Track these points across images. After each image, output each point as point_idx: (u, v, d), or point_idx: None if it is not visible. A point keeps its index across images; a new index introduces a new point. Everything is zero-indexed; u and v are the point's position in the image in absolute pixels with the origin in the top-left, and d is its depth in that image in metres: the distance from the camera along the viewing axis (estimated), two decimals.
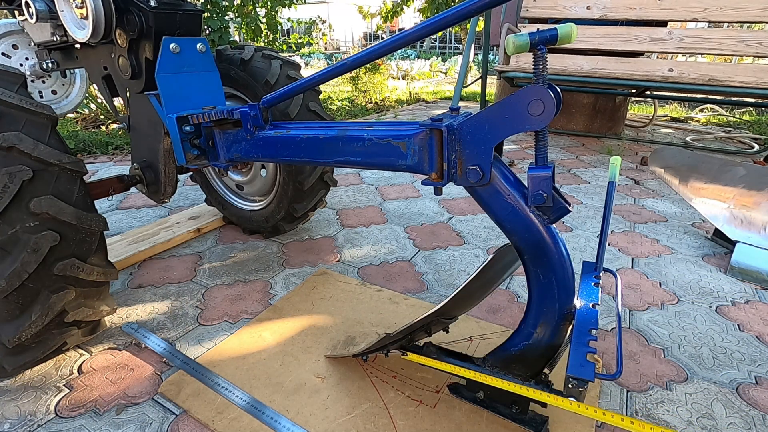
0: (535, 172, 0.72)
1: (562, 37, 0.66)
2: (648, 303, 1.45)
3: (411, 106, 5.97)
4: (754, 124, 4.69)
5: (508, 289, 1.52)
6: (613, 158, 0.94)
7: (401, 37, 0.81)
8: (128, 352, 1.20)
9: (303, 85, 0.97)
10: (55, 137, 1.01)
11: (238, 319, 1.35)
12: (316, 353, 1.18)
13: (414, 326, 0.89)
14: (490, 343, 1.21)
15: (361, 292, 1.47)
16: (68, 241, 1.00)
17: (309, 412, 0.99)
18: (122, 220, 2.09)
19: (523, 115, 0.70)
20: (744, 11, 2.88)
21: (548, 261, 0.77)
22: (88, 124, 4.02)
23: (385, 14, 11.41)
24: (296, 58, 10.53)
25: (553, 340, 0.82)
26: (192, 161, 1.25)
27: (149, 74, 1.24)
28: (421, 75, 10.83)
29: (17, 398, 1.04)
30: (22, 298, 0.97)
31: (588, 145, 3.70)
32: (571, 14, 3.39)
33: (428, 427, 0.95)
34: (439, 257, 1.75)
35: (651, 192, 2.55)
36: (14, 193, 0.91)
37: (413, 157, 0.84)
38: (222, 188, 1.94)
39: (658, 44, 3.18)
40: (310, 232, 1.97)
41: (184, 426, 0.97)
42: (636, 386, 1.09)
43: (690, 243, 1.89)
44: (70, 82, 1.96)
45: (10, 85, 0.99)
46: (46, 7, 1.25)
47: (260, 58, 1.54)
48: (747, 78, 2.78)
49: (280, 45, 5.48)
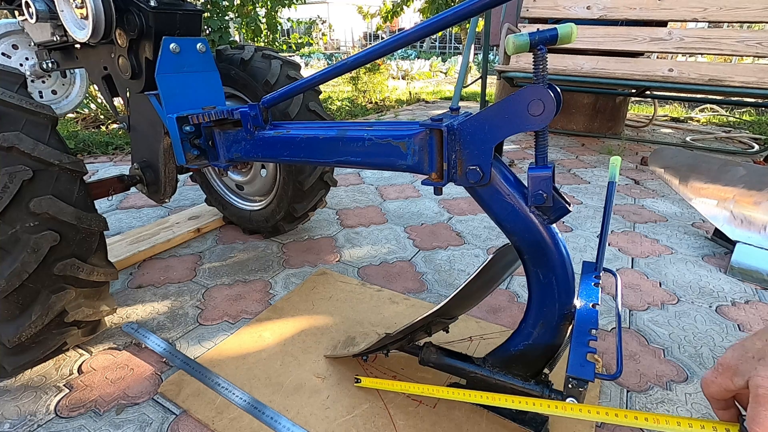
0: (535, 172, 0.72)
1: (562, 37, 0.66)
2: (648, 303, 1.45)
3: (411, 106, 5.97)
4: (754, 124, 4.69)
5: (508, 289, 1.52)
6: (613, 158, 0.94)
7: (401, 37, 0.81)
8: (128, 352, 1.20)
9: (303, 85, 0.97)
10: (55, 137, 1.01)
11: (238, 319, 1.35)
12: (316, 353, 1.18)
13: (414, 326, 0.89)
14: (490, 343, 1.21)
15: (361, 292, 1.47)
16: (68, 241, 1.00)
17: (309, 412, 0.99)
18: (122, 220, 2.09)
19: (523, 115, 0.70)
20: (744, 11, 2.88)
21: (548, 261, 0.77)
22: (88, 124, 4.02)
23: (385, 14, 11.41)
24: (296, 58, 10.53)
25: (553, 340, 0.82)
26: (192, 161, 1.24)
27: (149, 74, 1.24)
28: (421, 75, 10.83)
29: (17, 398, 1.04)
30: (22, 298, 0.97)
31: (588, 145, 3.70)
32: (571, 14, 3.39)
33: (428, 427, 0.95)
34: (439, 257, 1.75)
35: (651, 192, 2.55)
36: (14, 193, 0.91)
37: (413, 157, 0.84)
38: (222, 188, 1.94)
39: (658, 44, 3.17)
40: (310, 232, 1.97)
41: (184, 426, 0.97)
42: (636, 386, 1.09)
43: (690, 243, 1.89)
44: (70, 82, 1.96)
45: (10, 85, 0.99)
46: (46, 7, 1.25)
47: (260, 58, 1.54)
48: (747, 78, 2.78)
49: (280, 45, 5.48)
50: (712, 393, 0.54)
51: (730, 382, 0.51)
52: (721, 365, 0.52)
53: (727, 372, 0.51)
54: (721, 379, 0.52)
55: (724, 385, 0.51)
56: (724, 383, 0.51)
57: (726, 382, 0.51)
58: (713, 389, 0.53)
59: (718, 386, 0.52)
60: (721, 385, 0.52)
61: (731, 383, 0.50)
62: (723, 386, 0.52)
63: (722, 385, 0.52)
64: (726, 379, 0.51)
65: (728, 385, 0.51)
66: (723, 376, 0.52)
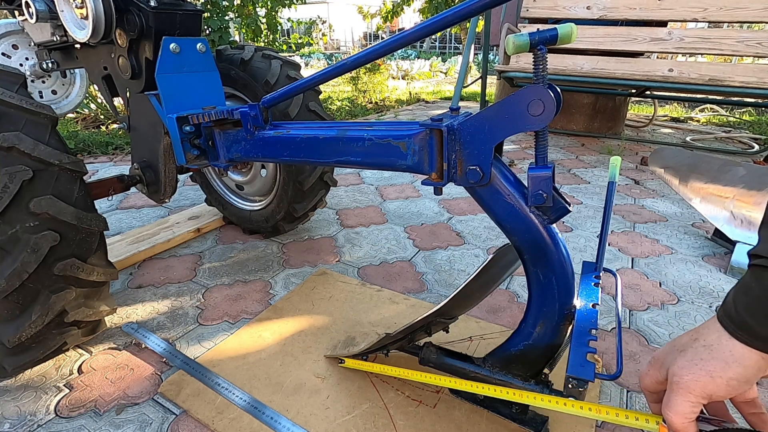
0: (535, 172, 0.72)
1: (562, 37, 0.66)
2: (648, 303, 1.45)
3: (411, 106, 5.97)
4: (754, 124, 4.69)
5: (508, 289, 1.52)
6: (613, 158, 0.94)
7: (401, 37, 0.81)
8: (128, 352, 1.20)
9: (303, 85, 0.97)
10: (55, 137, 1.01)
11: (238, 319, 1.35)
12: (316, 353, 1.18)
13: (414, 326, 0.89)
14: (490, 343, 1.21)
15: (361, 292, 1.47)
16: (68, 241, 1.00)
17: (309, 412, 0.99)
18: (122, 220, 2.09)
19: (523, 115, 0.70)
20: (744, 11, 2.88)
21: (548, 261, 0.77)
22: (88, 124, 4.02)
23: (385, 14, 11.42)
24: (296, 58, 10.53)
25: (553, 340, 0.82)
26: (192, 161, 1.24)
27: (149, 74, 1.24)
28: (421, 75, 10.83)
29: (17, 398, 1.04)
30: (22, 298, 0.97)
31: (588, 145, 3.70)
32: (571, 14, 3.39)
33: (428, 427, 0.95)
34: (439, 257, 1.75)
35: (651, 192, 2.55)
36: (14, 193, 0.91)
37: (413, 157, 0.84)
38: (222, 188, 1.94)
39: (658, 44, 3.17)
40: (310, 232, 1.97)
41: (184, 426, 0.97)
42: (636, 386, 1.09)
43: (690, 243, 1.89)
44: (70, 82, 1.96)
45: (10, 85, 0.99)
46: (46, 7, 1.25)
47: (260, 58, 1.54)
48: (747, 78, 2.78)
49: (280, 45, 5.49)
50: (645, 385, 0.58)
51: (658, 373, 0.56)
52: (653, 358, 0.58)
53: (657, 364, 0.56)
54: (652, 371, 0.57)
55: (654, 377, 0.56)
56: (654, 374, 0.56)
57: (655, 373, 0.56)
58: (646, 381, 0.58)
59: (650, 378, 0.57)
60: (652, 377, 0.57)
61: (659, 374, 0.55)
62: (653, 378, 0.56)
63: (653, 377, 0.56)
64: (655, 370, 0.56)
65: (657, 376, 0.56)
66: (653, 368, 0.57)
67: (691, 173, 1.99)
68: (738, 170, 1.86)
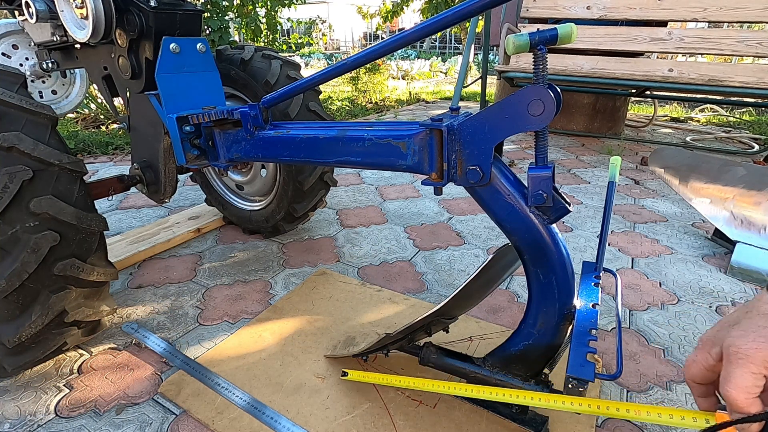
0: (535, 172, 0.72)
1: (562, 37, 0.66)
2: (648, 303, 1.45)
3: (411, 106, 5.97)
4: (754, 124, 4.69)
5: (508, 289, 1.52)
6: (613, 158, 0.94)
7: (401, 37, 0.81)
8: (128, 352, 1.20)
9: (303, 85, 0.97)
10: (55, 137, 1.01)
11: (238, 319, 1.35)
12: (316, 353, 1.18)
13: (414, 326, 0.89)
14: (490, 343, 1.21)
15: (361, 292, 1.47)
16: (68, 241, 1.00)
17: (309, 412, 0.99)
18: (122, 220, 2.09)
19: (523, 115, 0.70)
20: (744, 11, 2.88)
21: (548, 261, 0.77)
22: (88, 124, 4.02)
23: (385, 14, 11.41)
24: (296, 58, 10.53)
25: (553, 340, 0.82)
26: (192, 161, 1.25)
27: (149, 74, 1.24)
28: (421, 75, 10.83)
29: (17, 398, 1.04)
30: (22, 298, 0.97)
31: (588, 145, 3.70)
32: (571, 14, 3.39)
33: (428, 427, 0.95)
34: (439, 257, 1.75)
35: (651, 192, 2.55)
36: (14, 193, 0.91)
37: (413, 157, 0.84)
38: (222, 188, 1.94)
39: (658, 44, 3.17)
40: (310, 232, 1.97)
41: (184, 426, 0.97)
42: (636, 386, 1.09)
43: (690, 243, 1.89)
44: (70, 82, 1.96)
45: (10, 85, 0.99)
46: (46, 7, 1.25)
47: (260, 58, 1.54)
48: (747, 78, 2.78)
49: (280, 45, 5.49)
50: (692, 374, 0.53)
51: (709, 356, 0.50)
52: (701, 341, 0.53)
53: (706, 345, 0.51)
54: (701, 354, 0.52)
55: (704, 361, 0.51)
56: (703, 358, 0.51)
57: (705, 356, 0.51)
58: (694, 369, 0.53)
59: (698, 364, 0.52)
60: (701, 362, 0.51)
61: (710, 357, 0.50)
62: (702, 362, 0.51)
63: (702, 362, 0.51)
64: (705, 353, 0.51)
65: (707, 359, 0.51)
66: (702, 351, 0.51)
67: (691, 173, 1.99)
68: (738, 170, 1.86)
